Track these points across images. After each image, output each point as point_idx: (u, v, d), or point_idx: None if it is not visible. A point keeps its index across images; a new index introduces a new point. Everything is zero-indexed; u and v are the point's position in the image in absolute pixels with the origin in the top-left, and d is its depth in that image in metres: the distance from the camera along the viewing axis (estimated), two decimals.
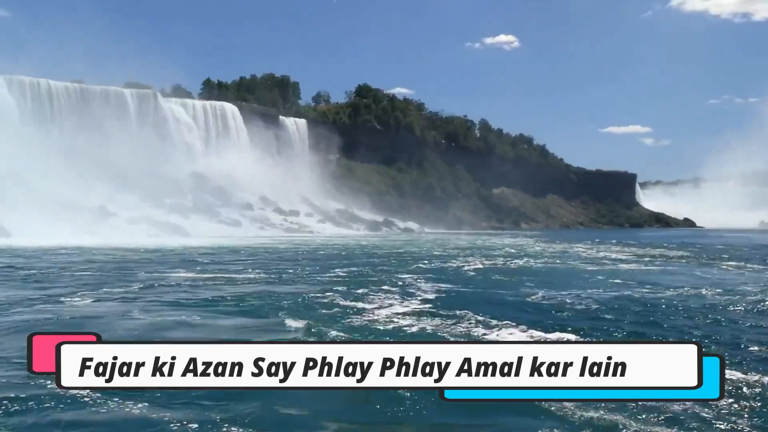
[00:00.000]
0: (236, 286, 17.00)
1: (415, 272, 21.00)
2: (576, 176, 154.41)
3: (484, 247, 41.20)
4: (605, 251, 37.04)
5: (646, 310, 13.69)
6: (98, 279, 18.38)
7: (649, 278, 20.40)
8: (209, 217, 67.74)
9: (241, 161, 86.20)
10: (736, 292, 16.83)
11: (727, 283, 19.06)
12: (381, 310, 12.68)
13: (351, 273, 20.85)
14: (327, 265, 24.22)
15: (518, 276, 20.94)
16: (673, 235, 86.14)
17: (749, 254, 35.35)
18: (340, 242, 48.51)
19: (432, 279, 18.83)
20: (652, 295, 16.19)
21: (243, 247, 37.57)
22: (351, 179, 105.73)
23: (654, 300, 15.17)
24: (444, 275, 20.69)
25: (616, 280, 19.60)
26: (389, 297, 14.55)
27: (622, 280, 19.67)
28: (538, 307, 13.90)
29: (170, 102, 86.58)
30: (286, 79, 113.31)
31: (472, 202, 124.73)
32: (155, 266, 23.05)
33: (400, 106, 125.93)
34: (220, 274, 20.39)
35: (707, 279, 20.61)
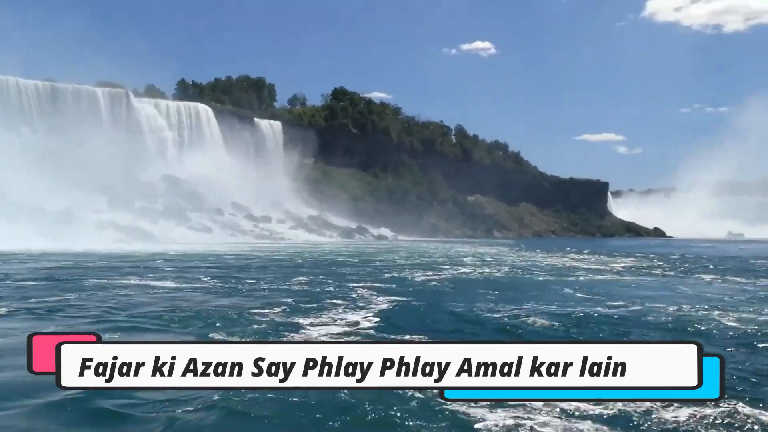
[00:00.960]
0: (174, 299, 15.96)
1: (373, 284, 20.22)
2: (550, 184, 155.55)
3: (453, 256, 41.09)
4: (576, 261, 37.18)
5: (616, 330, 12.44)
6: (34, 289, 17.50)
7: (620, 292, 19.76)
8: (179, 222, 66.98)
9: (215, 164, 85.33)
10: (718, 307, 15.88)
11: (707, 298, 18.36)
12: (315, 328, 11.78)
13: (308, 284, 19.87)
14: (287, 275, 23.53)
15: (481, 289, 20.02)
16: (643, 245, 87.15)
17: (723, 265, 35.52)
18: (309, 250, 48.15)
19: (387, 292, 17.89)
20: (622, 312, 15.02)
21: (209, 255, 37.03)
22: (326, 183, 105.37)
23: (625, 317, 14.04)
24: (402, 287, 19.76)
25: (584, 294, 18.56)
26: (333, 313, 13.62)
27: (590, 294, 18.58)
28: (493, 326, 12.77)
29: (143, 102, 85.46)
30: (262, 80, 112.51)
31: (447, 209, 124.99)
32: (106, 275, 22.23)
33: (376, 109, 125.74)
34: (169, 283, 19.76)
35: (683, 292, 19.99)
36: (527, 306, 15.56)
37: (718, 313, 14.90)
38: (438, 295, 18.13)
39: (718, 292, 20.17)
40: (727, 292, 20.11)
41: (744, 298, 18.71)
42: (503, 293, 18.59)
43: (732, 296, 18.96)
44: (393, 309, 14.77)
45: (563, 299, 17.50)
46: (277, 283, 20.45)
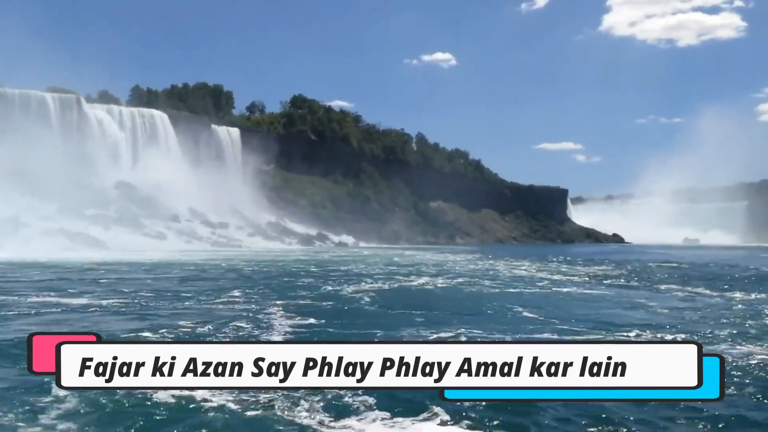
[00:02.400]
0: (60, 321, 13.56)
1: (296, 300, 18.01)
2: (510, 191, 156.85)
3: (408, 264, 40.41)
4: (533, 270, 35.70)
5: None
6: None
7: (576, 309, 16.80)
8: (132, 229, 65.05)
9: (171, 171, 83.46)
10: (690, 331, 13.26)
11: (679, 319, 15.26)
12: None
13: (232, 301, 17.44)
14: (222, 288, 21.38)
15: (415, 306, 17.22)
16: (603, 251, 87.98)
17: (683, 273, 34.37)
18: (264, 258, 46.97)
19: (302, 311, 15.31)
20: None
21: (156, 263, 35.69)
22: (286, 191, 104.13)
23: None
24: (326, 303, 17.59)
25: (532, 314, 15.58)
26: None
27: (540, 313, 15.60)
28: None
29: (95, 108, 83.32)
30: (219, 88, 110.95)
31: (409, 215, 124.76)
32: (21, 289, 19.77)
33: (336, 117, 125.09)
34: (83, 300, 17.25)
35: (650, 310, 16.98)
36: (455, 331, 12.59)
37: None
38: (354, 317, 15.12)
39: (690, 309, 17.33)
40: (700, 310, 17.03)
41: (720, 317, 15.59)
42: (437, 312, 15.82)
43: (707, 317, 15.61)
44: (295, 336, 12.16)
45: (505, 321, 14.54)
46: (203, 298, 18.05)
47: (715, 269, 38.24)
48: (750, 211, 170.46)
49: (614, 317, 15.45)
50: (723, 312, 16.65)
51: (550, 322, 14.19)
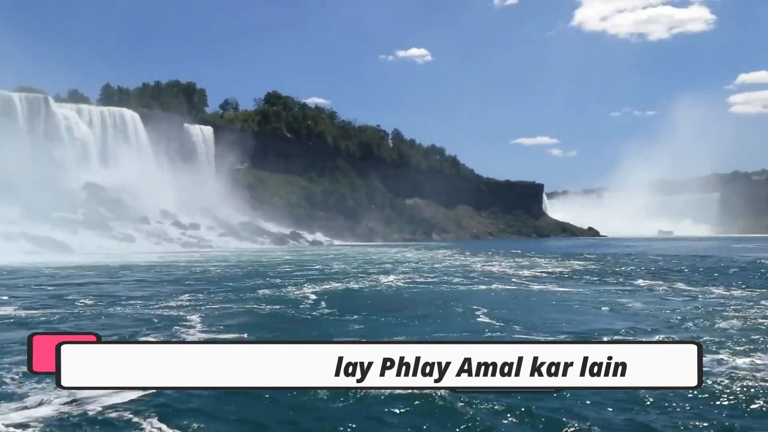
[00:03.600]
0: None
1: (231, 305, 17.11)
2: (486, 187, 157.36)
3: (379, 261, 40.11)
4: (507, 266, 35.36)
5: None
6: None
7: (545, 314, 15.40)
8: (100, 232, 64.16)
9: (141, 171, 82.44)
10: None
11: (649, 320, 14.39)
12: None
13: (175, 305, 16.65)
14: (172, 292, 20.38)
15: (368, 308, 16.59)
16: (578, 245, 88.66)
17: (661, 267, 33.80)
18: (231, 258, 46.58)
19: (225, 320, 14.20)
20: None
21: (118, 267, 35.14)
22: (260, 189, 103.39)
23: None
24: (274, 306, 16.84)
25: (493, 319, 14.25)
26: None
27: (502, 319, 14.25)
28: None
29: (64, 108, 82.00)
30: (192, 85, 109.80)
31: (385, 213, 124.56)
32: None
33: (311, 114, 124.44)
34: (6, 308, 16.44)
35: (628, 313, 15.78)
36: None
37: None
38: (287, 323, 14.00)
39: (666, 308, 16.38)
40: (677, 309, 16.02)
41: (699, 316, 14.70)
42: (383, 316, 14.64)
43: (689, 318, 14.53)
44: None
45: (456, 327, 13.17)
46: (144, 303, 17.21)
47: (689, 261, 38.73)
48: (722, 202, 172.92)
49: (585, 322, 14.16)
50: (701, 310, 15.75)
51: (509, 329, 12.92)
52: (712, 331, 12.71)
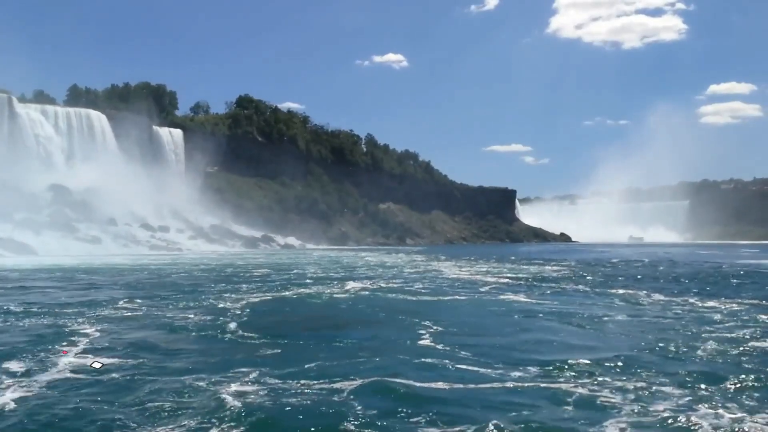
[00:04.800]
0: None
1: (173, 312, 15.72)
2: (459, 192, 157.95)
3: (347, 265, 39.59)
4: (475, 271, 34.17)
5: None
6: None
7: (512, 334, 13.08)
8: (65, 234, 62.46)
9: (109, 173, 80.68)
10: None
11: (623, 340, 12.25)
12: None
13: (92, 316, 14.74)
14: (118, 296, 18.93)
15: (310, 317, 15.51)
16: (549, 250, 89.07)
17: (632, 274, 32.44)
18: (197, 261, 45.62)
19: (125, 335, 12.51)
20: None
21: (77, 269, 33.96)
22: (231, 193, 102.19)
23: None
24: (206, 317, 14.92)
25: (442, 344, 11.45)
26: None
27: (452, 341, 11.68)
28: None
29: (28, 108, 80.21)
30: (162, 87, 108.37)
31: (359, 217, 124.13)
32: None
33: (283, 118, 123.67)
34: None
35: (611, 328, 13.85)
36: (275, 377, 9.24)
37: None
38: (190, 349, 11.18)
39: (640, 322, 14.60)
40: (651, 325, 14.14)
41: (679, 336, 12.49)
42: (318, 340, 12.05)
43: (668, 337, 12.39)
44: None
45: (395, 357, 10.28)
46: (78, 311, 15.74)
47: (659, 268, 37.50)
48: (691, 209, 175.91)
49: (548, 343, 11.96)
50: (678, 326, 13.77)
51: (455, 357, 10.33)
52: (698, 362, 10.22)
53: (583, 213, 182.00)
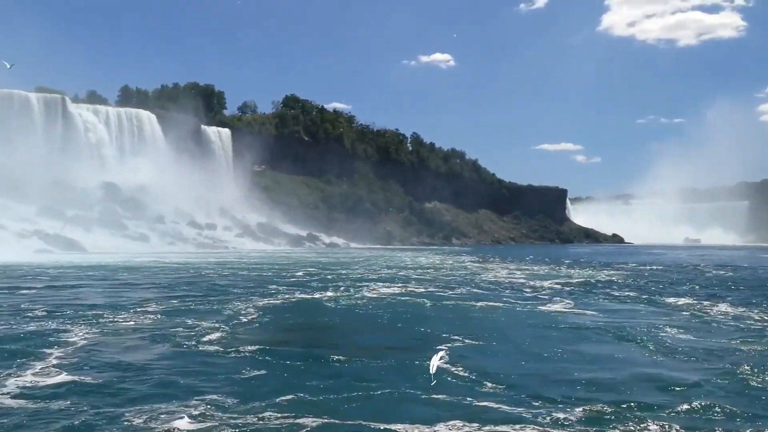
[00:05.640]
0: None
1: (194, 316, 15.20)
2: (508, 191, 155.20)
3: (387, 266, 38.75)
4: (521, 274, 32.59)
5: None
6: None
7: (556, 356, 11.13)
8: (114, 231, 63.47)
9: (158, 171, 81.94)
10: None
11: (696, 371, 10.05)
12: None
13: (92, 321, 13.95)
14: (149, 298, 18.39)
15: (341, 330, 14.37)
16: (602, 251, 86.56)
17: (693, 279, 30.10)
18: (240, 260, 45.45)
19: (139, 340, 11.95)
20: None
21: (121, 267, 34.02)
22: (277, 191, 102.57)
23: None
24: (221, 318, 14.66)
25: (471, 374, 9.59)
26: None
27: (495, 368, 10.01)
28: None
29: (81, 108, 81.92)
30: (211, 88, 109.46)
31: (404, 216, 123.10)
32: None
33: (329, 117, 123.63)
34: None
35: (665, 348, 11.81)
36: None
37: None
38: (175, 366, 10.01)
39: (711, 344, 12.30)
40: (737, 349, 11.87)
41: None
42: (324, 358, 10.70)
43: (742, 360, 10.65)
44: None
45: (404, 391, 8.72)
46: (95, 313, 15.24)
47: (720, 273, 35.40)
48: (751, 210, 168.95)
49: (602, 370, 9.99)
50: (758, 347, 11.87)
51: (480, 391, 8.60)
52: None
53: (637, 213, 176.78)
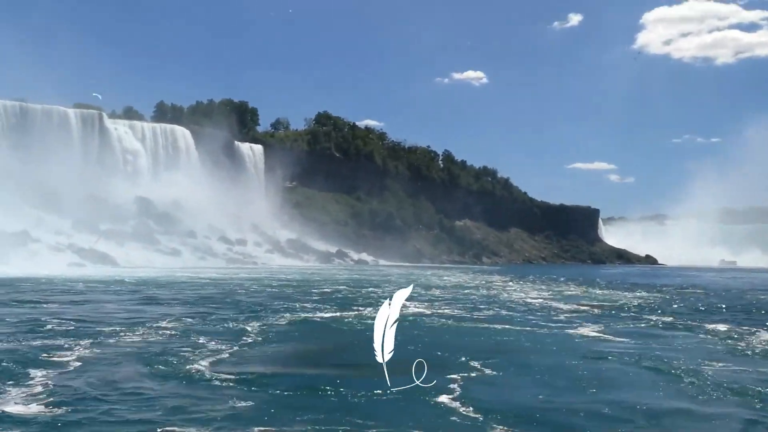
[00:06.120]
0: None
1: (206, 335, 14.67)
2: (540, 210, 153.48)
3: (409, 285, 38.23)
4: (553, 296, 31.40)
5: None
6: None
7: (581, 397, 9.88)
8: (146, 245, 64.29)
9: (191, 187, 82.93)
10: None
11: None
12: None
13: (86, 342, 13.20)
14: (164, 314, 18.13)
15: (344, 353, 13.77)
16: (635, 272, 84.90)
17: (728, 304, 28.44)
18: (268, 277, 45.48)
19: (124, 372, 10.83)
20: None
21: (149, 282, 34.24)
22: (308, 207, 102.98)
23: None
24: (222, 340, 14.04)
25: (481, 415, 8.62)
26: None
27: (511, 409, 8.95)
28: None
29: (117, 124, 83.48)
30: (245, 104, 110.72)
31: (434, 233, 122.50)
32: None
33: (361, 134, 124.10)
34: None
35: (702, 385, 10.69)
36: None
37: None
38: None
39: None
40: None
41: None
42: (311, 391, 9.92)
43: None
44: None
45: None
46: (71, 332, 14.77)
47: (761, 297, 33.96)
48: None
49: (634, 411, 8.94)
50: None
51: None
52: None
53: (671, 234, 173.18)
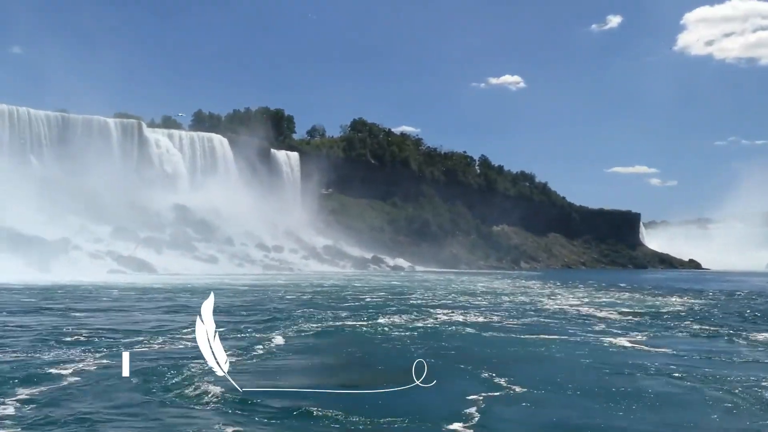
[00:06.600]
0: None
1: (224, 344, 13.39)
2: (579, 215, 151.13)
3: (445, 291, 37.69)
4: (592, 303, 30.18)
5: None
6: None
7: (633, 414, 9.16)
8: (184, 252, 64.95)
9: (228, 194, 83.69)
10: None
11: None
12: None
13: (86, 354, 12.56)
14: (188, 323, 16.89)
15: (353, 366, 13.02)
16: (679, 277, 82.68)
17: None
18: (304, 283, 45.39)
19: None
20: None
21: (187, 288, 34.43)
22: (344, 214, 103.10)
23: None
24: (235, 353, 12.75)
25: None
26: None
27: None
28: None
29: (156, 132, 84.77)
30: (281, 112, 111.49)
31: (471, 239, 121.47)
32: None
33: (396, 140, 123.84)
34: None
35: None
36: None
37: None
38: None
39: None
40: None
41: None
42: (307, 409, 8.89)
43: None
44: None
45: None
46: (113, 340, 14.61)
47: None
48: None
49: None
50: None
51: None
52: None
53: (715, 238, 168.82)
